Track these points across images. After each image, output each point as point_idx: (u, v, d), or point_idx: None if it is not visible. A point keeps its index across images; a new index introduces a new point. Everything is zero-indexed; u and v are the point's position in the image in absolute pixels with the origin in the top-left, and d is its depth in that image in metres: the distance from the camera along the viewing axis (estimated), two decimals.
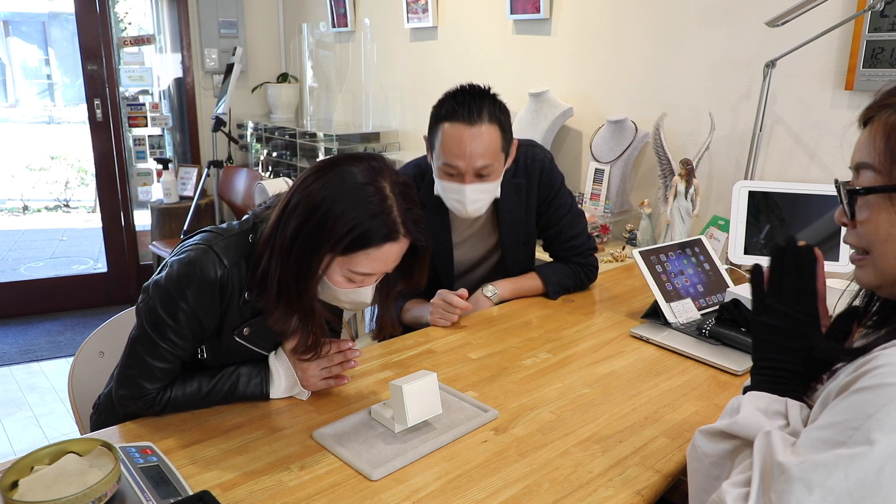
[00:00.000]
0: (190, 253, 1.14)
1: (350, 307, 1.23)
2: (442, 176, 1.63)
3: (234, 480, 1.02)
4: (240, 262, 1.16)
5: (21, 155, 8.24)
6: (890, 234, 0.75)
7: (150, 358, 1.15)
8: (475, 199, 1.62)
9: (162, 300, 1.13)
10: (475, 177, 1.59)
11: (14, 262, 5.34)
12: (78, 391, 1.49)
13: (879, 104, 0.77)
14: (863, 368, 0.69)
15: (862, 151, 0.78)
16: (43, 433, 2.83)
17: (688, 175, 2.16)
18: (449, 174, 1.61)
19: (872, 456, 0.63)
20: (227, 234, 1.17)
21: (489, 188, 1.63)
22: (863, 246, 0.79)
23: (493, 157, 1.58)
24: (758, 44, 2.13)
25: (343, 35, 3.93)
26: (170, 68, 4.21)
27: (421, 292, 1.75)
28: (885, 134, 0.75)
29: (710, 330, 1.52)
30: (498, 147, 1.59)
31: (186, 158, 4.30)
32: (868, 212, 0.77)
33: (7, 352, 3.55)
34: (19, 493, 0.87)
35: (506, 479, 1.03)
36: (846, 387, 0.70)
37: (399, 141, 3.67)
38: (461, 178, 1.59)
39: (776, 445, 0.72)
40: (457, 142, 1.55)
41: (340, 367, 1.27)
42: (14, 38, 9.92)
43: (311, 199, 1.08)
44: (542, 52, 2.78)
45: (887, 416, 0.64)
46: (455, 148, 1.56)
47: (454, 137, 1.56)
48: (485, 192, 1.63)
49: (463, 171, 1.58)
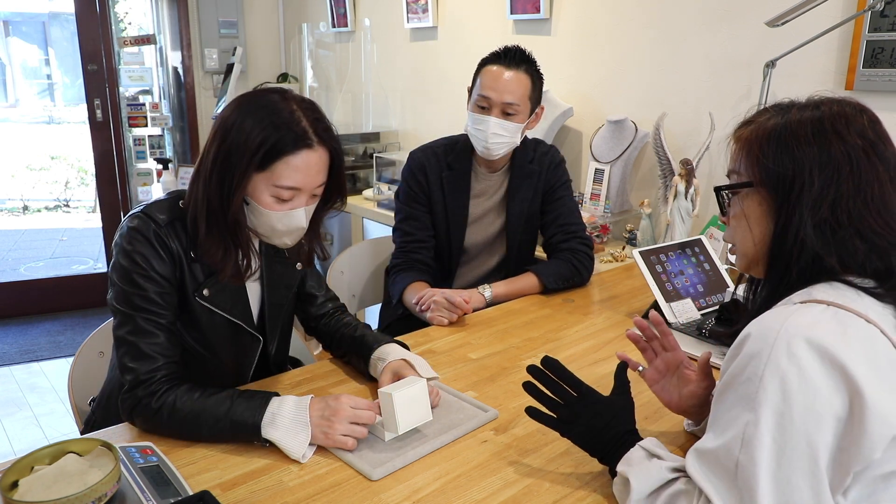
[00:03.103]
0: (126, 225, 1.19)
1: (288, 237, 1.23)
2: (474, 109, 1.84)
3: (235, 480, 1.02)
4: (174, 222, 1.19)
5: (21, 155, 8.25)
6: (742, 224, 0.93)
7: (134, 336, 1.15)
8: (496, 133, 1.81)
9: (120, 275, 1.16)
10: (501, 113, 1.79)
11: (14, 261, 5.34)
12: (78, 391, 1.49)
13: (741, 123, 0.95)
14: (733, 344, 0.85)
15: (730, 160, 0.96)
16: (43, 433, 2.83)
17: (688, 175, 2.16)
18: (480, 107, 1.82)
19: None
20: (155, 201, 1.23)
21: (511, 129, 1.81)
22: (730, 240, 0.97)
23: (520, 99, 1.80)
24: (758, 44, 2.13)
25: (343, 35, 3.93)
26: (170, 68, 4.21)
27: (425, 277, 1.88)
28: (738, 144, 0.94)
29: (710, 330, 1.52)
30: (527, 94, 1.81)
31: (186, 158, 4.30)
32: (734, 209, 0.95)
33: (7, 352, 3.55)
34: (19, 492, 0.87)
35: (506, 479, 1.03)
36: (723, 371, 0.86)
37: (399, 141, 3.67)
38: (489, 110, 1.80)
39: None
40: (493, 77, 1.80)
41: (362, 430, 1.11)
42: (14, 38, 9.92)
43: (225, 123, 1.16)
44: (542, 52, 2.77)
45: None
46: (490, 81, 1.80)
47: (491, 73, 1.81)
48: (506, 131, 1.81)
49: (492, 104, 1.79)
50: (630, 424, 1.01)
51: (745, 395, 0.79)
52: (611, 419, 1.00)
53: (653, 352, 1.16)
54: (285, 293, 1.39)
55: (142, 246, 1.16)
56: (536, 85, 1.84)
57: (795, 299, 0.84)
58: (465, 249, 1.98)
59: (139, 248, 1.16)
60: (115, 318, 1.18)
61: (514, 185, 1.95)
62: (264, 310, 1.36)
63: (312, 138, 1.16)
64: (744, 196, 0.92)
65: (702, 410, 1.10)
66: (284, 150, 1.14)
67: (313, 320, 1.49)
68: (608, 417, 1.00)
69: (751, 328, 0.83)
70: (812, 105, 0.90)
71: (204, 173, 1.17)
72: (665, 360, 1.14)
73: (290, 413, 1.09)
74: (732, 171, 0.95)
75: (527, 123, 1.87)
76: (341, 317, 1.48)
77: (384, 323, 2.05)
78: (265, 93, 1.19)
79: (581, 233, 1.95)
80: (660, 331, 1.15)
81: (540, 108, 1.91)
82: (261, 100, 1.17)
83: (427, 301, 1.69)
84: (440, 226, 1.95)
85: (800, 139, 0.86)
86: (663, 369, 1.14)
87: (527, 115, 1.85)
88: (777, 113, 0.91)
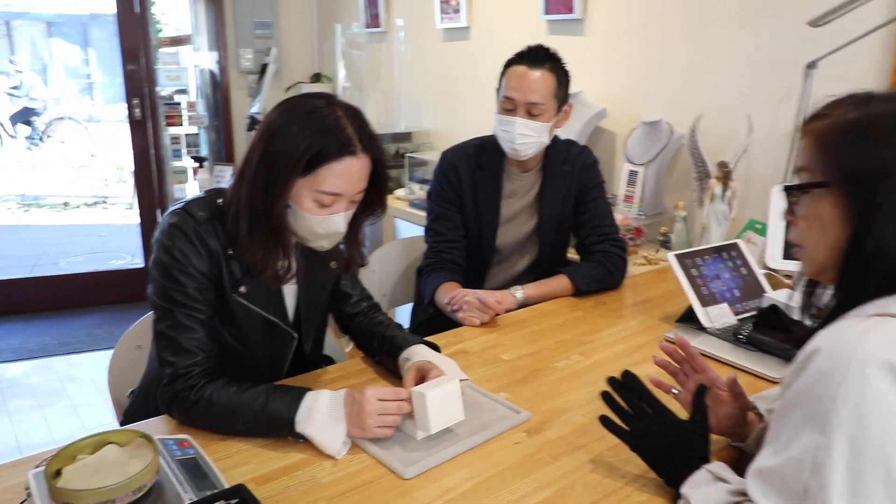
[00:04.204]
0: (166, 221, 1.21)
1: (326, 240, 1.25)
2: (500, 111, 1.84)
3: (269, 475, 1.03)
4: (213, 220, 1.21)
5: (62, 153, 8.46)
6: (814, 226, 0.85)
7: (173, 331, 1.17)
8: (522, 133, 1.80)
9: (160, 271, 1.19)
10: (527, 113, 1.79)
11: (55, 256, 5.47)
12: (116, 383, 1.53)
13: (813, 116, 0.87)
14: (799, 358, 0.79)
15: (799, 157, 0.89)
16: (81, 423, 2.90)
17: (724, 178, 2.13)
18: (506, 108, 1.82)
19: None
20: (194, 198, 1.24)
21: (537, 128, 1.80)
22: (797, 241, 0.89)
23: (545, 98, 1.78)
24: (798, 44, 2.09)
25: (376, 35, 3.95)
26: (206, 68, 4.28)
27: (457, 277, 1.87)
28: (811, 140, 0.85)
29: (747, 336, 1.50)
30: (551, 92, 1.80)
31: (221, 157, 4.36)
32: (804, 209, 0.87)
33: (48, 343, 3.64)
34: (63, 480, 0.90)
35: (538, 482, 1.03)
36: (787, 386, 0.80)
37: (431, 140, 3.68)
38: (514, 111, 1.79)
39: None
40: (517, 77, 1.79)
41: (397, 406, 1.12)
42: (56, 38, 10.18)
43: (270, 128, 1.17)
44: (575, 52, 2.75)
45: None
46: (514, 82, 1.79)
47: (515, 73, 1.80)
48: (532, 131, 1.80)
49: (517, 104, 1.78)
50: (702, 451, 0.97)
51: (815, 416, 0.73)
52: (683, 442, 0.97)
53: (684, 374, 1.14)
54: (321, 292, 1.41)
55: (181, 242, 1.18)
56: (562, 82, 1.83)
57: (869, 310, 0.78)
58: (496, 250, 1.98)
59: (179, 245, 1.18)
60: (154, 313, 1.21)
61: (546, 185, 1.94)
62: (300, 308, 1.37)
63: (356, 145, 1.17)
64: (817, 196, 0.84)
65: (741, 430, 1.08)
66: (329, 156, 1.14)
67: (347, 319, 1.51)
68: (681, 440, 0.97)
69: (820, 342, 0.76)
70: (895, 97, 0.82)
71: (248, 175, 1.18)
72: (696, 381, 1.11)
73: (325, 408, 1.10)
74: (803, 169, 0.87)
75: (554, 122, 1.85)
76: (374, 316, 1.49)
77: (415, 322, 2.06)
78: (311, 98, 1.20)
79: (614, 235, 1.93)
80: (687, 353, 1.12)
81: (568, 106, 1.88)
82: (306, 105, 1.18)
83: (459, 301, 1.69)
84: (472, 226, 1.95)
85: (883, 136, 0.79)
86: None
87: (553, 114, 1.83)
88: (855, 105, 0.83)
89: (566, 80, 1.85)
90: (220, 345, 1.26)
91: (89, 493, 0.85)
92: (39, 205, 7.20)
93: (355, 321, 1.49)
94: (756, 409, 1.10)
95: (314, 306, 1.40)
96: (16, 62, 9.15)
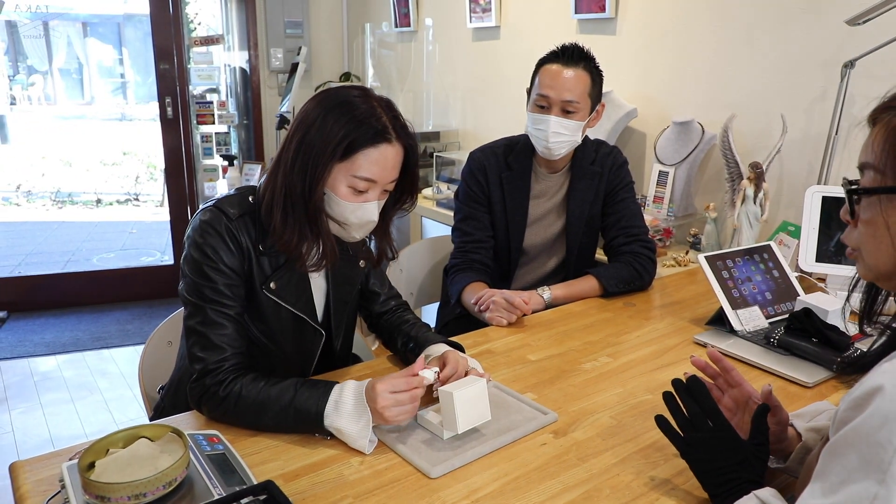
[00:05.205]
0: (198, 218, 1.23)
1: (358, 230, 1.26)
2: (534, 109, 1.83)
3: (297, 472, 1.04)
4: (244, 217, 1.23)
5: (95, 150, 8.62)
6: (880, 233, 0.76)
7: (204, 327, 1.18)
8: (556, 132, 1.79)
9: (191, 267, 1.20)
10: (561, 111, 1.78)
11: (88, 252, 5.59)
12: (147, 378, 1.55)
13: (885, 106, 0.78)
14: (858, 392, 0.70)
15: (865, 152, 0.79)
16: (112, 417, 2.95)
17: (757, 179, 2.09)
18: (540, 106, 1.81)
19: None
20: (226, 196, 1.26)
21: (571, 127, 1.80)
22: (854, 245, 0.81)
23: (579, 96, 1.78)
24: (835, 43, 2.04)
25: (405, 35, 3.96)
26: (237, 67, 4.33)
27: (484, 278, 1.87)
28: (884, 136, 0.76)
29: (779, 339, 1.47)
30: (586, 90, 1.79)
31: (251, 155, 4.41)
32: (868, 212, 0.78)
33: (80, 338, 3.71)
34: (96, 473, 0.91)
35: (565, 483, 1.02)
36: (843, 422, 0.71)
37: (459, 140, 3.68)
38: (549, 109, 1.79)
39: None
40: (551, 75, 1.78)
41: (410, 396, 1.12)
42: (91, 38, 10.37)
43: (307, 118, 1.20)
44: (606, 51, 2.73)
45: None
46: (548, 80, 1.79)
47: (550, 72, 1.79)
48: (566, 129, 1.80)
49: (551, 102, 1.78)
50: (756, 475, 0.92)
51: (874, 463, 0.67)
52: (738, 462, 0.92)
53: (719, 390, 1.10)
54: (349, 290, 1.41)
55: (213, 239, 1.20)
56: (596, 82, 1.83)
57: None
58: (524, 251, 1.97)
59: (210, 241, 1.19)
60: (185, 309, 1.22)
61: (574, 186, 1.93)
62: (329, 305, 1.38)
63: (391, 133, 1.20)
64: (887, 200, 0.75)
65: (780, 446, 1.03)
66: (365, 142, 1.18)
67: (375, 317, 1.51)
68: (735, 459, 0.92)
69: (884, 380, 0.68)
70: None
71: (284, 164, 1.20)
72: (732, 396, 1.08)
73: (351, 398, 1.11)
74: (869, 167, 0.78)
75: (587, 121, 1.85)
76: (402, 314, 1.49)
77: (442, 322, 2.06)
78: (346, 90, 1.23)
79: (643, 236, 1.91)
80: (720, 367, 1.08)
81: (601, 106, 1.88)
82: (342, 95, 1.21)
83: (486, 301, 1.69)
84: (499, 226, 1.94)
85: None
86: (732, 407, 1.08)
87: (587, 113, 1.83)
88: None
89: (600, 79, 1.85)
90: (249, 341, 1.27)
91: (122, 486, 0.87)
92: (73, 202, 7.35)
93: (383, 319, 1.50)
94: (794, 425, 1.05)
95: (343, 304, 1.41)
96: None
